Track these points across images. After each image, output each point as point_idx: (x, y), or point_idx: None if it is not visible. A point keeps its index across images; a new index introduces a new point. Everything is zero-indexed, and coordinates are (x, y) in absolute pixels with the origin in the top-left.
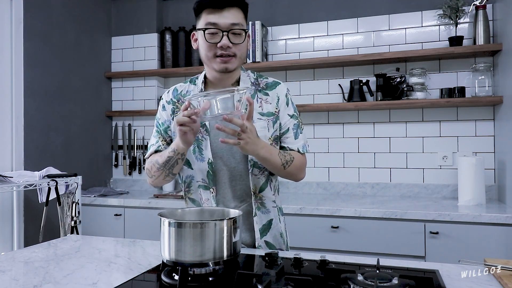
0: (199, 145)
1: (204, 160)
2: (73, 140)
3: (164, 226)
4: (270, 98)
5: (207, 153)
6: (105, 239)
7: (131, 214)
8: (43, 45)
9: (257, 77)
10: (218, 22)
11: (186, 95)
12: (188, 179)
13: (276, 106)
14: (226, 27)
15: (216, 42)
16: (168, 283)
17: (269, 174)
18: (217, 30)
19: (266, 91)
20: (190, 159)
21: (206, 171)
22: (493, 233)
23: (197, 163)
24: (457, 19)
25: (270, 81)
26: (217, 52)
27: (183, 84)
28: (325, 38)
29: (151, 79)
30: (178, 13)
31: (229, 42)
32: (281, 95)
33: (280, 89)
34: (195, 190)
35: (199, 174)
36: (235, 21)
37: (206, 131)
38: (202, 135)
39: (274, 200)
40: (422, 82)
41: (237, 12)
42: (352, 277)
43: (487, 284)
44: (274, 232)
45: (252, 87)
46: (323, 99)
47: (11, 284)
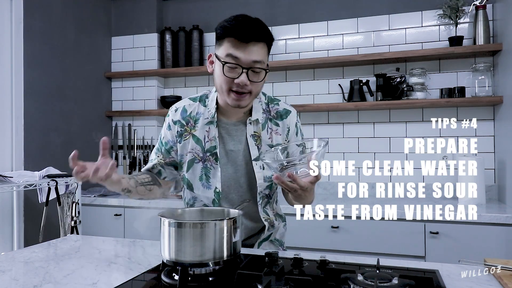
0: (206, 173)
1: (211, 188)
2: (73, 140)
3: (164, 226)
4: (280, 129)
5: (214, 181)
6: (105, 239)
7: (131, 214)
8: (43, 45)
9: (268, 101)
10: (240, 57)
11: (196, 117)
12: (191, 201)
13: (286, 137)
14: (247, 64)
15: (233, 77)
16: (168, 283)
17: (268, 200)
18: (237, 65)
19: (277, 121)
20: (194, 185)
21: (212, 199)
22: (493, 233)
23: (202, 190)
24: (457, 19)
25: (281, 108)
26: (233, 87)
27: (192, 104)
28: (325, 38)
29: (151, 79)
30: (178, 13)
31: (247, 80)
32: (291, 125)
33: (290, 119)
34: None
35: (204, 199)
36: (257, 58)
37: (216, 160)
38: (211, 164)
39: (280, 215)
40: (422, 82)
41: (261, 48)
42: (352, 277)
43: (487, 284)
44: (271, 239)
45: (327, 143)
46: (323, 99)
47: (11, 284)
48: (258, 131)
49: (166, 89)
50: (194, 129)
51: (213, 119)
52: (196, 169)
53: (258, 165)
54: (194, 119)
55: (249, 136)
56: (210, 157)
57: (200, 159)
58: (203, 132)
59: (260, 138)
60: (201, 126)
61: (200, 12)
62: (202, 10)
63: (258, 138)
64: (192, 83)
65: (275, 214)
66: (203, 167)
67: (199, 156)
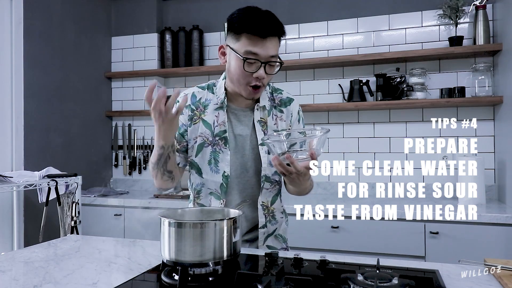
0: (215, 157)
1: (219, 172)
2: (73, 140)
3: (164, 226)
4: (284, 116)
5: (223, 166)
6: (105, 239)
7: (131, 214)
8: (43, 45)
9: (272, 91)
10: (259, 53)
11: (205, 103)
12: (198, 187)
13: (290, 123)
14: (265, 58)
15: (252, 71)
16: (168, 283)
17: (279, 188)
18: (256, 60)
19: (281, 108)
20: (202, 169)
21: (220, 183)
22: (493, 233)
23: (210, 174)
24: (457, 19)
25: (284, 97)
26: (251, 81)
27: (201, 91)
28: (325, 38)
29: (151, 79)
30: (178, 13)
31: (265, 73)
32: (294, 112)
33: (293, 106)
34: (205, 196)
35: (212, 184)
36: (274, 52)
37: (225, 144)
38: (220, 148)
39: (282, 211)
40: (422, 82)
41: (276, 42)
42: (352, 277)
43: (487, 284)
44: (275, 234)
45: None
46: (323, 99)
47: (11, 284)
48: (265, 117)
49: (166, 89)
50: (203, 114)
51: (222, 104)
52: (205, 153)
53: (264, 149)
54: (203, 105)
55: (256, 121)
56: (219, 141)
57: (210, 143)
58: (212, 117)
59: (266, 124)
60: (210, 111)
61: (200, 12)
62: (202, 10)
63: (264, 124)
64: (192, 83)
65: (283, 207)
66: (212, 151)
67: (209, 140)
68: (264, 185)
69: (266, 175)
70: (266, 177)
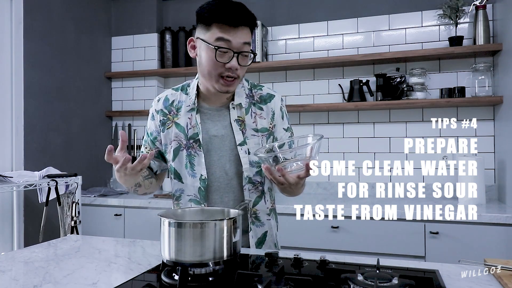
0: (191, 161)
1: (196, 176)
2: (73, 140)
3: (164, 226)
4: (264, 113)
5: (199, 169)
6: (105, 239)
7: (131, 214)
8: (43, 45)
9: (251, 87)
10: (231, 40)
11: (178, 105)
12: (177, 193)
13: (271, 121)
14: (238, 47)
15: (224, 62)
16: (168, 283)
17: (263, 189)
18: (228, 49)
19: (261, 105)
20: (181, 174)
21: (198, 188)
22: (493, 233)
23: (189, 179)
24: (457, 19)
25: (264, 93)
26: (223, 73)
27: (175, 93)
28: (325, 38)
29: (151, 79)
30: (178, 13)
31: (238, 64)
32: (276, 109)
33: (274, 102)
34: (184, 203)
35: (191, 189)
36: (247, 40)
37: (200, 147)
38: (195, 151)
39: (268, 213)
40: (422, 82)
41: (248, 32)
42: (352, 277)
43: (487, 284)
44: (269, 244)
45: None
46: (323, 99)
47: (11, 284)
48: (242, 116)
49: (166, 89)
50: (176, 117)
51: (194, 106)
52: (181, 157)
53: (243, 150)
54: (176, 108)
55: (233, 121)
56: (193, 144)
57: (185, 147)
58: (185, 119)
59: (244, 123)
60: (183, 113)
61: None
62: None
63: (242, 123)
64: None
65: (271, 209)
66: (187, 155)
67: (183, 143)
68: (247, 187)
69: (248, 176)
70: (248, 179)
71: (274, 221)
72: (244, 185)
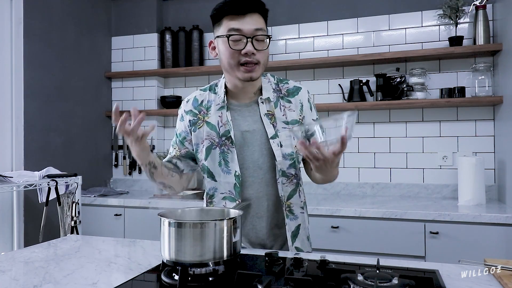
0: (224, 158)
1: (231, 172)
2: (73, 140)
3: (164, 226)
4: (293, 106)
5: (233, 165)
6: (105, 239)
7: (131, 214)
8: (43, 45)
9: (278, 82)
10: (242, 28)
11: (208, 105)
12: (211, 191)
13: (300, 113)
14: (250, 33)
15: (240, 49)
16: (168, 283)
17: (297, 182)
18: (241, 36)
19: (289, 98)
20: (214, 172)
21: (233, 184)
22: (493, 233)
23: (223, 176)
24: (457, 19)
25: (291, 86)
26: (241, 59)
27: (203, 93)
28: (325, 38)
29: (151, 79)
30: (178, 13)
31: (253, 48)
32: (304, 100)
33: (302, 95)
34: (218, 201)
35: (225, 186)
36: (258, 26)
37: (232, 144)
38: (228, 148)
39: (302, 206)
40: (422, 82)
41: (259, 18)
42: (352, 277)
43: (487, 284)
44: (302, 237)
45: (356, 112)
46: (323, 99)
47: (11, 284)
48: (272, 110)
49: (166, 89)
50: (207, 116)
51: (224, 104)
52: (214, 155)
53: (275, 143)
54: (206, 107)
55: (263, 115)
56: (226, 141)
57: (217, 145)
58: (216, 117)
59: (274, 116)
60: (213, 112)
61: (200, 12)
62: (202, 10)
63: (272, 116)
64: (192, 83)
65: (303, 202)
66: (221, 152)
67: (216, 141)
68: (281, 180)
69: (281, 169)
70: (282, 172)
71: (306, 215)
72: (278, 178)
